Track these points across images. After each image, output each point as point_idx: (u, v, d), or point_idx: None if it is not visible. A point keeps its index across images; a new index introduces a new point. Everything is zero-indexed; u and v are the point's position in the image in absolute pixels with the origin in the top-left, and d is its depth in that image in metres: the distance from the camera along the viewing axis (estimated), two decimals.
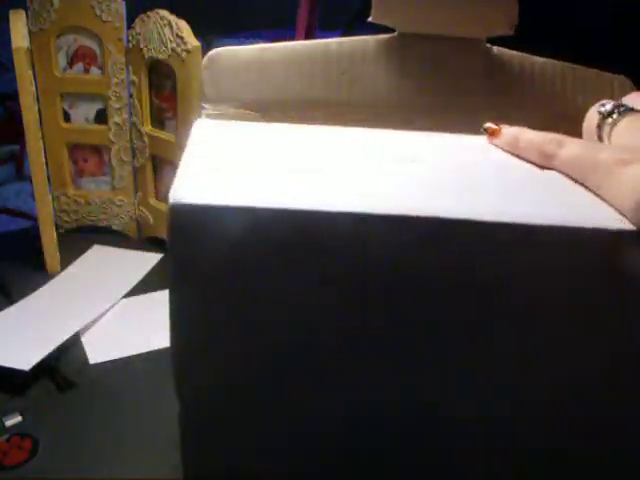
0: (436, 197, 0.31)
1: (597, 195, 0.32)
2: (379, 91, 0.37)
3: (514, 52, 0.37)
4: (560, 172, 0.34)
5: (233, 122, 0.38)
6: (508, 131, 0.37)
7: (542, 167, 0.35)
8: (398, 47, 0.36)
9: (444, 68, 0.37)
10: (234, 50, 0.38)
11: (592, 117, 0.37)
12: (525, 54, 0.37)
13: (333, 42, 0.36)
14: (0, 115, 1.49)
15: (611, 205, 0.31)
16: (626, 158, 0.30)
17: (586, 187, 0.33)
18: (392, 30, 0.37)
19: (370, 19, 0.36)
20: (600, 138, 0.36)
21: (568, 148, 0.34)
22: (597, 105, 0.37)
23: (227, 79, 0.38)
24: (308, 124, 0.38)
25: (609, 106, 0.35)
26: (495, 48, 0.36)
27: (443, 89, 0.37)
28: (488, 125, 0.38)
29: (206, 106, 0.38)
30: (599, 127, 0.35)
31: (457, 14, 0.36)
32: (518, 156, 0.37)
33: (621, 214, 0.30)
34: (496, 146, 0.38)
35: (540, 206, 0.31)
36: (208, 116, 0.39)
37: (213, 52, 0.38)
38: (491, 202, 0.31)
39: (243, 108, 0.38)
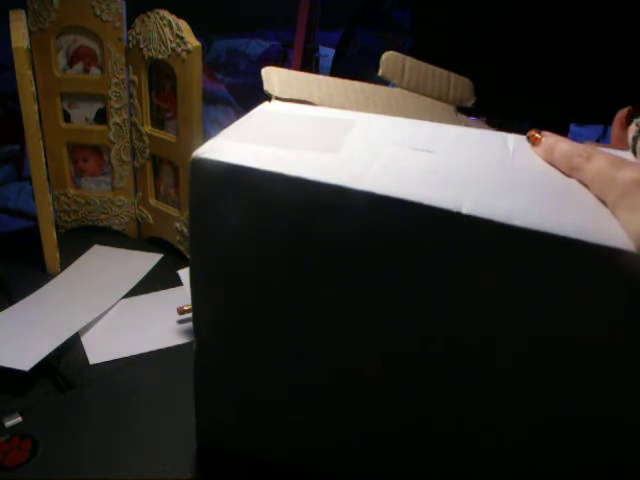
0: (442, 188, 0.32)
1: (612, 213, 0.31)
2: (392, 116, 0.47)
3: (466, 117, 0.55)
4: (584, 185, 0.34)
5: (289, 105, 0.45)
6: (547, 140, 0.37)
7: (569, 177, 0.35)
8: (402, 96, 0.51)
9: (431, 116, 0.52)
10: (284, 70, 0.48)
11: (632, 129, 0.36)
12: (474, 120, 0.55)
13: (357, 83, 0.51)
14: (0, 115, 1.49)
15: (622, 226, 0.30)
16: None
17: (604, 203, 0.32)
18: None
19: (379, 74, 0.52)
20: (634, 151, 0.35)
21: (594, 162, 0.33)
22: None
23: (281, 87, 0.46)
24: None
25: None
26: (459, 114, 0.54)
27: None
28: (531, 133, 0.38)
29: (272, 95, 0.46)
30: (635, 140, 0.35)
31: (437, 88, 0.53)
32: (551, 164, 0.36)
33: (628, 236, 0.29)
34: (536, 153, 0.38)
35: (545, 212, 0.31)
36: (278, 99, 0.46)
37: (265, 68, 0.47)
38: (499, 202, 0.31)
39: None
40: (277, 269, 0.35)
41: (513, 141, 0.40)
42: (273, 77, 0.46)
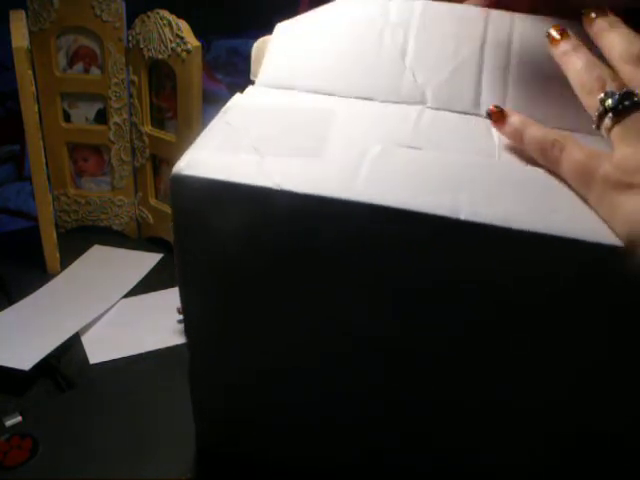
0: (422, 191, 0.31)
1: (593, 208, 0.30)
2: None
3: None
4: (562, 179, 0.32)
5: (262, 95, 0.40)
6: (513, 122, 0.34)
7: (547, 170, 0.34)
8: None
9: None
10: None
11: (594, 107, 0.32)
12: None
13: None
14: (0, 115, 1.49)
15: (605, 222, 0.30)
16: (626, 182, 0.29)
17: (584, 200, 0.31)
18: None
19: None
20: (598, 127, 0.32)
21: (568, 153, 0.32)
22: (598, 88, 0.32)
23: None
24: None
25: (611, 101, 0.31)
26: None
27: None
28: (491, 108, 0.35)
29: (255, 80, 0.42)
30: (600, 118, 0.32)
31: None
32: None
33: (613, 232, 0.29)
34: (502, 134, 0.35)
35: (539, 212, 0.30)
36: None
37: (261, 39, 0.43)
38: (493, 205, 0.31)
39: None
40: (263, 281, 0.34)
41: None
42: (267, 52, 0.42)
